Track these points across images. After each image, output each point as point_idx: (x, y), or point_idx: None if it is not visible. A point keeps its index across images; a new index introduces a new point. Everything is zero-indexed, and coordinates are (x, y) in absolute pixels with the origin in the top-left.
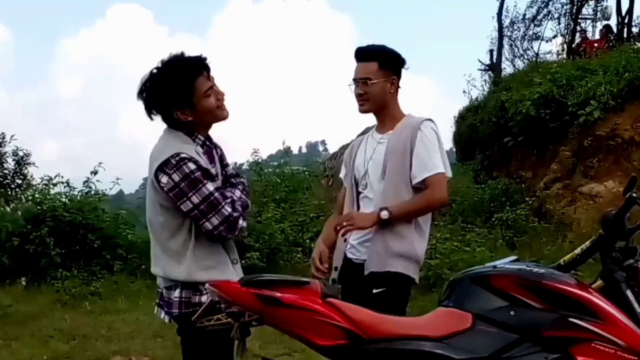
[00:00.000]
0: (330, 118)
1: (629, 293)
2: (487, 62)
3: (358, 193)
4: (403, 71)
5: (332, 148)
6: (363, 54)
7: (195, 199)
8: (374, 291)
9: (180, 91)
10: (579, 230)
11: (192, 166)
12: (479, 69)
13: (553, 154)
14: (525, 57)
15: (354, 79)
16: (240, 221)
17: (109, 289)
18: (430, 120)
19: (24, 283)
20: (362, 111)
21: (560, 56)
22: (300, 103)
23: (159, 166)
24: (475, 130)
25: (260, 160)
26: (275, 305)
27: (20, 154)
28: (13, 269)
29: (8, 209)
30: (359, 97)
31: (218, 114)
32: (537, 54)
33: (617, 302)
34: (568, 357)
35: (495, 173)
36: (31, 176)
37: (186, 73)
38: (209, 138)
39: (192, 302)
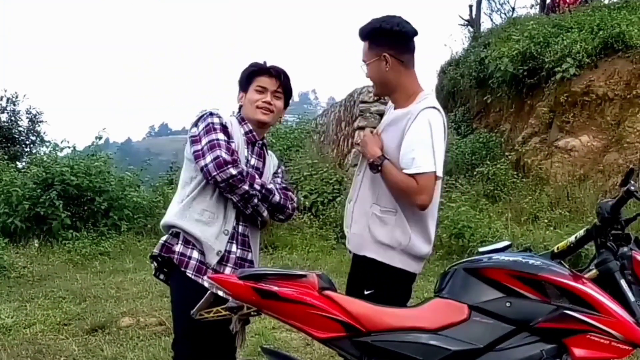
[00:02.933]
0: (320, 68)
1: (623, 283)
2: (467, 16)
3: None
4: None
5: (322, 96)
6: (359, 34)
7: (203, 142)
8: (365, 292)
9: (244, 73)
10: (555, 183)
11: (215, 120)
12: (459, 24)
13: (530, 108)
14: (502, 11)
15: None
16: (231, 168)
17: (117, 248)
18: (430, 108)
19: (36, 245)
20: (375, 94)
21: (533, 8)
22: (291, 53)
23: (195, 121)
24: (456, 83)
25: None
26: (273, 299)
27: (33, 112)
28: (25, 231)
29: (19, 164)
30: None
31: (255, 111)
32: (514, 9)
33: (611, 292)
34: (563, 348)
35: (475, 125)
36: (44, 133)
37: (259, 68)
38: (260, 136)
39: (172, 249)
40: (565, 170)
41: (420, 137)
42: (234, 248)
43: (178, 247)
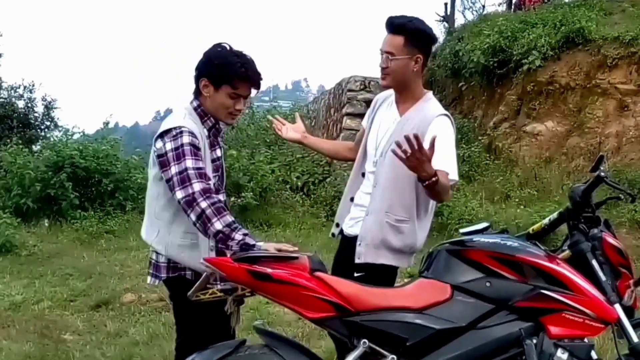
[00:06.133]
0: (311, 57)
1: (594, 263)
2: (442, 13)
3: (365, 158)
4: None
5: (313, 84)
6: (392, 26)
7: (174, 169)
8: (355, 275)
9: (224, 70)
10: (524, 165)
11: (186, 139)
12: (435, 20)
13: (500, 96)
14: (474, 9)
15: (380, 49)
16: (201, 201)
17: (122, 227)
18: (445, 115)
19: (46, 224)
20: (383, 85)
21: (501, 6)
22: (284, 43)
23: (160, 133)
24: (433, 73)
25: (251, 105)
26: (266, 280)
27: (49, 99)
28: (37, 211)
29: (35, 148)
30: (382, 70)
31: (224, 115)
32: (484, 6)
33: (583, 272)
34: (540, 326)
35: (451, 111)
36: (58, 118)
37: (241, 68)
38: (218, 124)
39: (178, 267)
40: (533, 153)
41: (446, 142)
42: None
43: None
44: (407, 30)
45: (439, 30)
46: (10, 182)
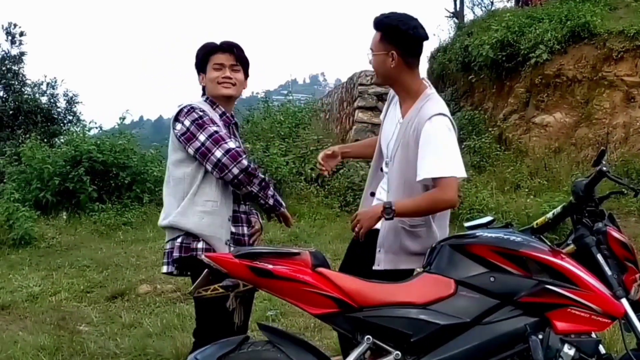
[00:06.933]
0: (329, 52)
1: (599, 257)
2: (452, 9)
3: (381, 154)
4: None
5: (330, 78)
6: (374, 22)
7: (202, 137)
8: (373, 268)
9: (201, 52)
10: (533, 155)
11: (200, 113)
12: (445, 16)
13: (509, 89)
14: (483, 5)
15: None
16: (244, 159)
17: (139, 219)
18: (440, 114)
19: (65, 217)
20: (376, 83)
21: (509, 2)
22: (304, 39)
23: (175, 117)
24: (445, 67)
25: (267, 99)
26: (268, 277)
27: (70, 94)
28: (55, 204)
29: (58, 141)
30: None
31: (217, 87)
32: (492, 2)
33: (588, 266)
34: (546, 322)
35: (462, 103)
36: (80, 113)
37: (211, 47)
38: (230, 113)
39: (190, 248)
40: (542, 143)
41: (440, 143)
42: (245, 230)
43: (200, 244)
44: (382, 26)
45: (449, 26)
46: (30, 176)
